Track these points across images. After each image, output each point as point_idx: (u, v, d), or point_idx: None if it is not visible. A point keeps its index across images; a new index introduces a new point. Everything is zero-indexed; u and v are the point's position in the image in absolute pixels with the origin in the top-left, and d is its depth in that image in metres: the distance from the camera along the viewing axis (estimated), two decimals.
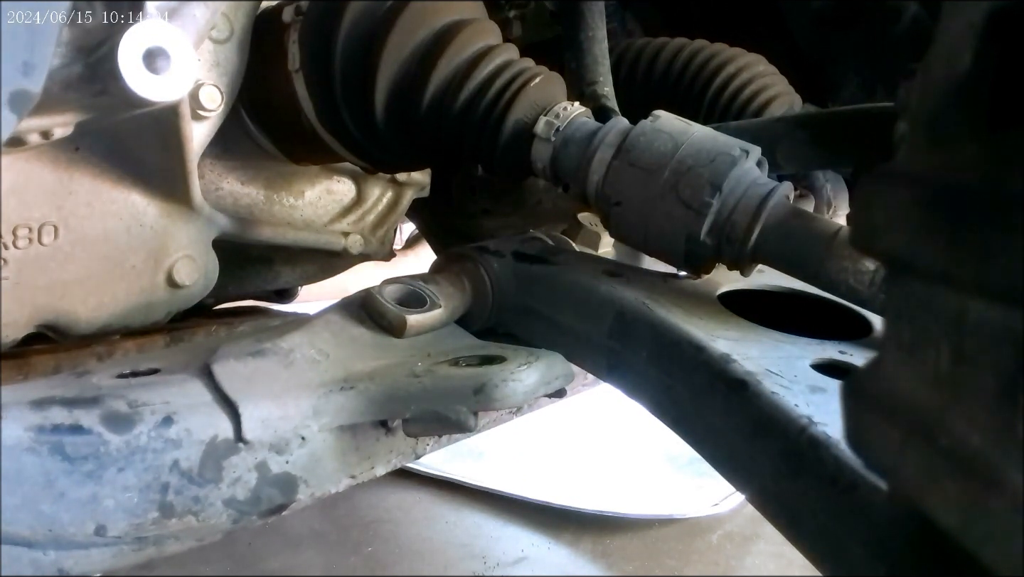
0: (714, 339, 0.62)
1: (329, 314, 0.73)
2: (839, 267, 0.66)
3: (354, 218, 1.06)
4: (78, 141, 0.75)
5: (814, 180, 1.15)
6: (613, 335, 0.71)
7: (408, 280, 0.77)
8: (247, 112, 0.90)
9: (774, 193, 0.69)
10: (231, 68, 0.83)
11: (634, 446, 1.88)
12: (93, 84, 0.62)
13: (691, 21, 1.34)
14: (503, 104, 0.78)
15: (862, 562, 0.45)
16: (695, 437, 0.63)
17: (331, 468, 0.65)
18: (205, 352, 0.68)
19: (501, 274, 0.80)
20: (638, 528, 1.60)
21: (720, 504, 1.66)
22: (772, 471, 0.52)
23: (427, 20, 0.80)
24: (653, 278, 0.76)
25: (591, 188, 0.75)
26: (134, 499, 0.57)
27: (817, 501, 0.48)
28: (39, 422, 0.56)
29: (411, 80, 0.80)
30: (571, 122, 0.77)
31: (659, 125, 0.73)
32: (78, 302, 0.80)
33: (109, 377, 0.65)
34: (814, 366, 0.60)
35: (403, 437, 0.69)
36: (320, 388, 0.65)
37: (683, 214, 0.69)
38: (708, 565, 1.51)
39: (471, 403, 0.65)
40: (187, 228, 0.85)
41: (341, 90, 0.82)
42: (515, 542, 1.55)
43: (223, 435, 0.61)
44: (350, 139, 0.86)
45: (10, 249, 0.75)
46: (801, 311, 0.74)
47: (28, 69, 0.50)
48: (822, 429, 0.50)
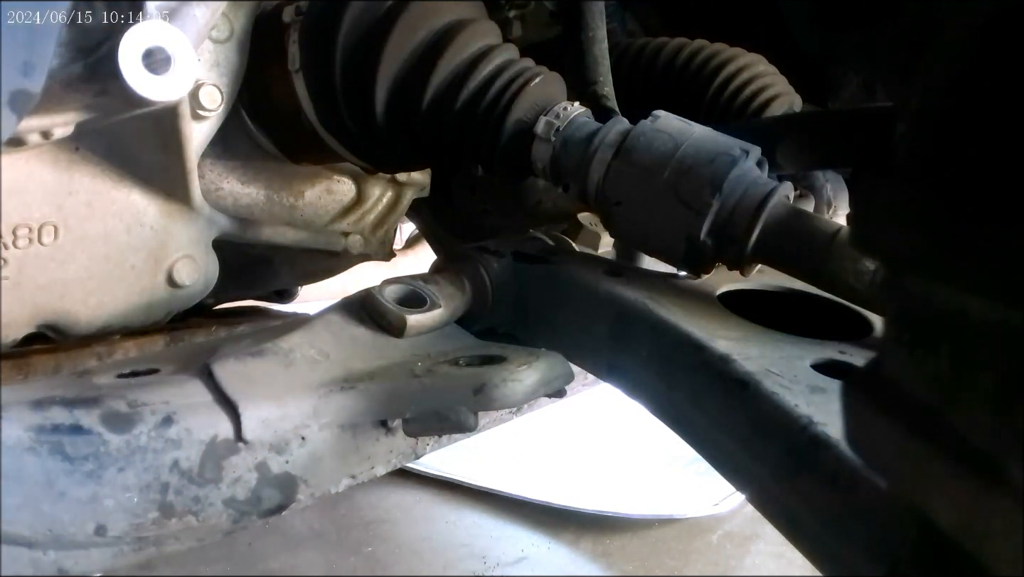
0: (714, 339, 0.62)
1: (329, 314, 0.73)
2: (839, 267, 0.66)
3: (354, 218, 1.06)
4: (78, 141, 0.75)
5: (814, 180, 1.15)
6: (613, 335, 0.71)
7: (408, 280, 0.77)
8: (247, 112, 0.90)
9: (774, 193, 0.69)
10: (231, 68, 0.83)
11: (634, 446, 1.87)
12: (93, 84, 0.63)
13: (691, 21, 1.34)
14: (503, 104, 0.78)
15: (862, 562, 0.45)
16: (695, 437, 0.63)
17: (331, 468, 0.65)
18: (205, 352, 0.68)
19: (501, 274, 0.80)
20: (638, 528, 1.60)
21: (720, 504, 1.66)
22: (772, 471, 0.52)
23: (427, 20, 0.80)
24: (653, 278, 0.76)
25: (591, 188, 0.75)
26: (134, 499, 0.57)
27: (817, 501, 0.48)
28: (39, 422, 0.56)
29: (411, 80, 0.80)
30: (571, 122, 0.77)
31: (659, 125, 0.73)
32: (78, 302, 0.80)
33: (109, 377, 0.65)
34: (814, 366, 0.60)
35: (403, 437, 0.69)
36: (320, 388, 0.65)
37: (683, 214, 0.69)
38: (708, 565, 1.51)
39: (471, 403, 0.65)
40: (187, 228, 0.85)
41: (341, 90, 0.82)
42: (515, 542, 1.55)
43: (223, 435, 0.61)
44: (350, 139, 0.86)
45: (10, 249, 0.75)
46: (801, 311, 0.74)
47: (28, 69, 0.50)
48: (822, 429, 0.50)
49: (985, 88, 0.27)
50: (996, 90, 0.27)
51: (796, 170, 0.99)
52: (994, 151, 0.27)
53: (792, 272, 0.71)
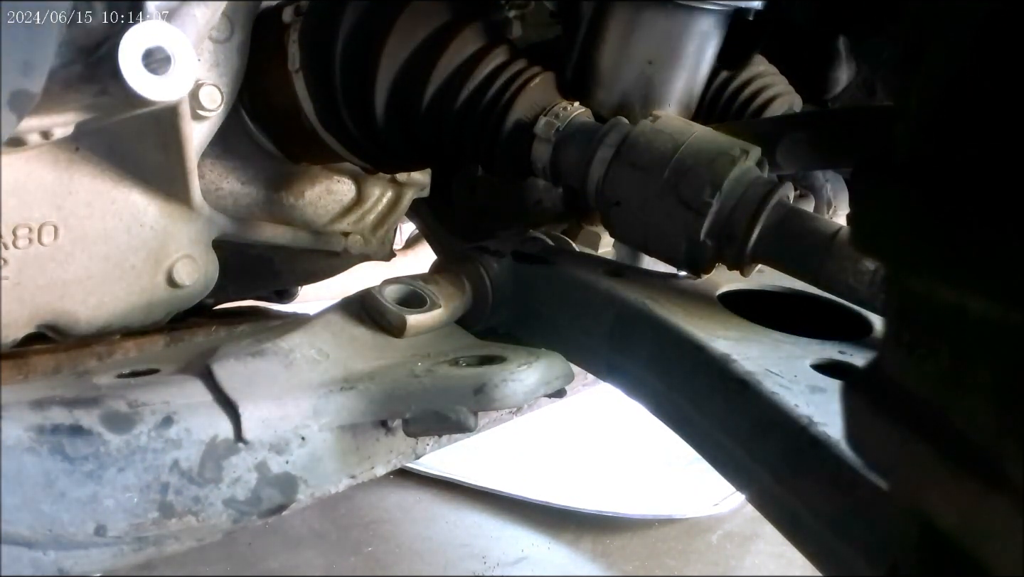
0: (714, 339, 0.62)
1: (329, 314, 0.73)
2: (839, 267, 0.67)
3: (354, 218, 1.06)
4: (78, 141, 0.75)
5: (814, 180, 1.15)
6: (613, 335, 0.71)
7: (408, 280, 0.77)
8: (247, 112, 0.90)
9: (774, 193, 0.69)
10: (231, 68, 0.83)
11: (634, 446, 1.87)
12: (93, 84, 0.63)
13: None
14: (503, 104, 0.78)
15: (862, 562, 0.45)
16: (695, 437, 0.63)
17: (331, 468, 0.65)
18: (205, 352, 0.68)
19: (501, 274, 0.80)
20: (638, 528, 1.60)
21: (720, 504, 1.66)
22: (772, 471, 0.53)
23: (427, 20, 0.80)
24: (653, 278, 0.76)
25: (591, 188, 0.75)
26: (134, 499, 0.57)
27: (817, 501, 0.48)
28: (39, 422, 0.56)
29: (411, 80, 0.80)
30: (571, 122, 0.77)
31: (659, 125, 0.73)
32: (78, 302, 0.80)
33: (109, 377, 0.65)
34: (814, 366, 0.60)
35: (403, 437, 0.69)
36: (320, 388, 0.65)
37: (683, 214, 0.69)
38: (708, 565, 1.51)
39: (471, 403, 0.65)
40: (187, 228, 0.85)
41: (341, 90, 0.82)
42: (515, 542, 1.55)
43: (223, 435, 0.61)
44: (350, 139, 0.86)
45: (10, 249, 0.75)
46: (801, 311, 0.74)
47: (28, 69, 0.50)
48: (822, 429, 0.50)
49: (984, 88, 0.27)
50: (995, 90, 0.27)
51: (796, 170, 0.99)
52: (993, 151, 0.27)
53: (792, 272, 0.71)
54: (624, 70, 0.82)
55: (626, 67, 0.82)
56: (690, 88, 0.85)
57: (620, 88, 0.83)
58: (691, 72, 0.83)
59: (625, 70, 0.82)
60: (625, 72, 0.82)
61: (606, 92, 0.83)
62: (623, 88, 0.83)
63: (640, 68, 0.82)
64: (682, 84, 0.83)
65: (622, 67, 0.82)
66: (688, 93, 0.85)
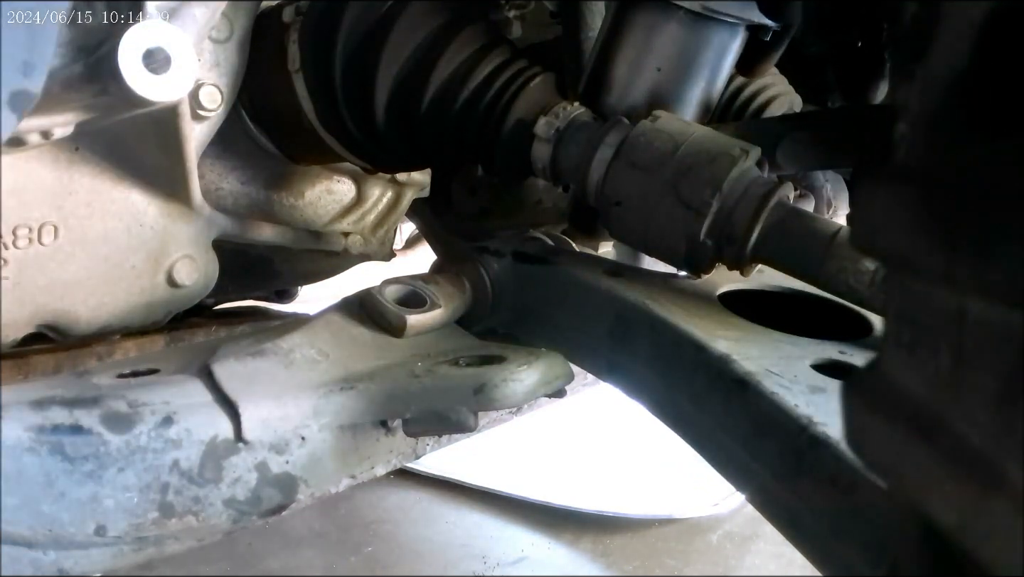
0: (714, 339, 0.62)
1: (329, 314, 0.73)
2: (839, 267, 0.67)
3: (354, 218, 1.06)
4: (78, 141, 0.75)
5: (814, 180, 1.15)
6: (613, 335, 0.71)
7: (408, 280, 0.77)
8: (247, 112, 0.90)
9: (774, 193, 0.69)
10: (231, 68, 0.83)
11: (634, 446, 1.87)
12: (93, 84, 0.63)
13: None
14: (503, 104, 0.78)
15: (862, 562, 0.45)
16: (695, 437, 0.63)
17: (331, 468, 0.65)
18: (205, 352, 0.68)
19: (501, 274, 0.80)
20: (638, 528, 1.60)
21: (720, 504, 1.66)
22: (772, 471, 0.53)
23: (427, 20, 0.80)
24: (653, 278, 0.76)
25: (591, 188, 0.75)
26: (134, 499, 0.57)
27: (817, 501, 0.48)
28: (39, 422, 0.56)
29: (411, 80, 0.80)
30: (571, 122, 0.77)
31: (659, 125, 0.73)
32: (78, 302, 0.80)
33: (109, 377, 0.65)
34: (814, 366, 0.60)
35: (403, 437, 0.69)
36: (320, 388, 0.65)
37: (683, 214, 0.69)
38: (708, 565, 1.50)
39: (471, 403, 0.65)
40: (187, 228, 0.85)
41: (341, 90, 0.82)
42: (515, 542, 1.55)
43: (223, 435, 0.61)
44: (350, 139, 0.86)
45: (10, 249, 0.75)
46: (801, 311, 0.74)
47: (28, 69, 0.50)
48: (822, 429, 0.50)
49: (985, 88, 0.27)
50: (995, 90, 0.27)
51: (796, 170, 0.99)
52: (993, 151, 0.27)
53: (792, 272, 0.71)
54: (640, 78, 0.80)
55: (642, 74, 0.80)
56: (707, 99, 0.83)
57: (633, 95, 0.81)
58: (708, 82, 0.82)
59: (641, 78, 0.80)
60: (640, 80, 0.81)
61: (618, 99, 0.82)
62: (636, 95, 0.81)
63: (653, 75, 0.80)
64: (698, 94, 0.82)
65: (638, 74, 0.80)
66: (704, 105, 0.83)
